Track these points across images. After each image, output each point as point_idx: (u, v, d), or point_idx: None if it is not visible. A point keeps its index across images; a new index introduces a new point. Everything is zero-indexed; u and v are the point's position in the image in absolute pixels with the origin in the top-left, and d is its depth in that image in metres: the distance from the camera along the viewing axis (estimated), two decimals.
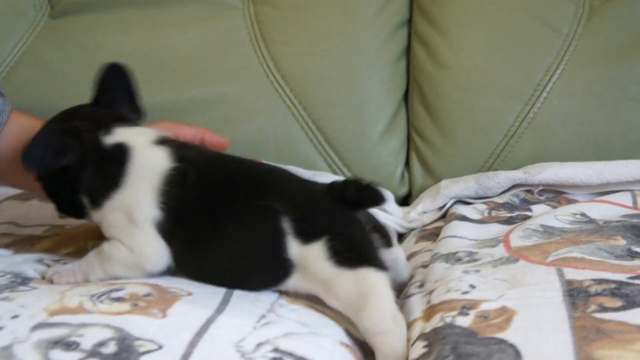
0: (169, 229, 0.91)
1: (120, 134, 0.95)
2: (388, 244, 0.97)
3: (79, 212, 0.96)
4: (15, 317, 0.79)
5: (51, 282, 0.94)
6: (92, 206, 0.95)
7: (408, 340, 0.89)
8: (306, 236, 0.88)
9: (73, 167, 0.92)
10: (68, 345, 0.75)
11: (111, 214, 0.93)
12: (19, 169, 0.93)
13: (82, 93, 1.40)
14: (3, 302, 0.83)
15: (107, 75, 1.01)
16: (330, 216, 0.89)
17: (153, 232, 0.91)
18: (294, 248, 0.88)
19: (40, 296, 0.85)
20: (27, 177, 0.96)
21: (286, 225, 0.89)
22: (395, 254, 1.00)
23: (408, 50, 1.46)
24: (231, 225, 0.90)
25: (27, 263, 0.98)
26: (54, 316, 0.80)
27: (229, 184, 0.93)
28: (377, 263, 0.89)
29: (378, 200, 0.89)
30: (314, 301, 0.94)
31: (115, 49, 1.43)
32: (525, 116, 1.37)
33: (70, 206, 0.96)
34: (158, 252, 0.92)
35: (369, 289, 0.87)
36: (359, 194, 0.89)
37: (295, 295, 0.93)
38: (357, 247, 0.88)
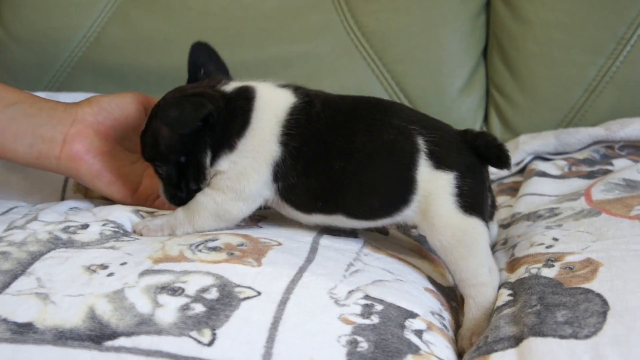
0: (291, 158, 0.90)
1: (235, 84, 0.95)
2: (490, 216, 0.97)
3: (199, 176, 0.94)
4: (123, 264, 0.84)
5: (140, 235, 0.96)
6: (220, 154, 0.92)
7: None
8: (438, 161, 0.88)
9: (208, 120, 0.90)
10: (174, 290, 0.79)
11: (243, 158, 0.91)
12: None
13: (168, 52, 1.45)
14: (111, 250, 0.88)
15: (195, 54, 1.01)
16: (463, 155, 0.89)
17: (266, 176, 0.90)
18: (424, 168, 0.88)
19: (143, 245, 0.90)
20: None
21: (421, 142, 0.88)
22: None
23: (487, 6, 1.45)
24: (362, 138, 0.89)
25: (124, 213, 1.00)
26: (158, 263, 0.84)
27: (359, 107, 0.93)
28: (486, 217, 0.90)
29: (504, 163, 0.88)
30: (396, 250, 0.97)
31: (200, 9, 1.46)
32: (608, 70, 1.35)
33: (195, 172, 0.94)
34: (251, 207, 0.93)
35: (474, 240, 0.88)
36: (489, 148, 0.89)
37: (378, 245, 0.96)
38: (477, 196, 0.89)
